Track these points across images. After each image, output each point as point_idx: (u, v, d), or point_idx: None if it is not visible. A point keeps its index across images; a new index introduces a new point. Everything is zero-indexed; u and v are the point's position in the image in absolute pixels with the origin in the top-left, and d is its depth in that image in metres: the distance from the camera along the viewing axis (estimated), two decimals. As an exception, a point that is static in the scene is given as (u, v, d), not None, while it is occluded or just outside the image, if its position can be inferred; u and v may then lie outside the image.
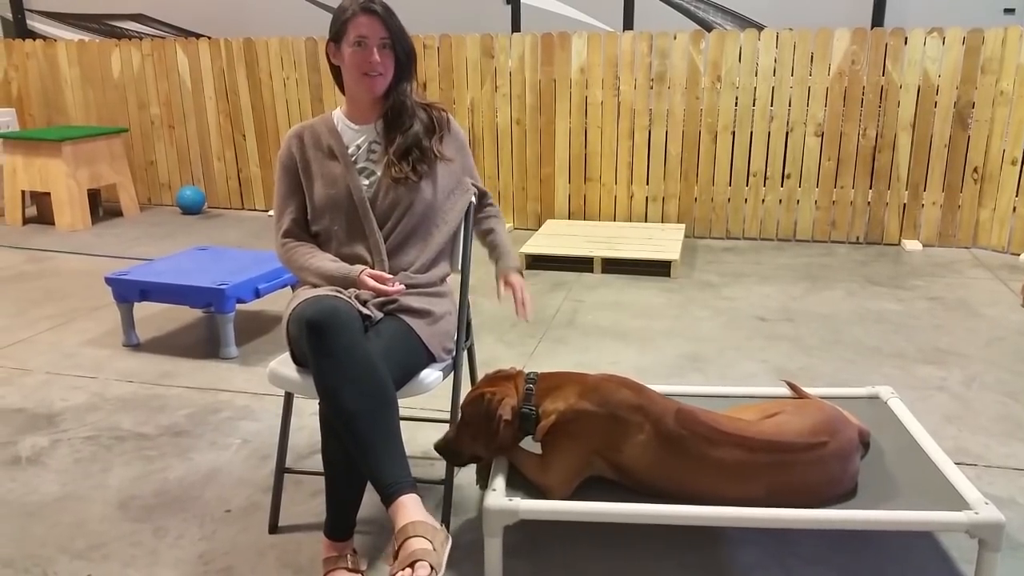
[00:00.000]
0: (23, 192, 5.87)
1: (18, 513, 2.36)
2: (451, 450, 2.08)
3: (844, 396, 2.50)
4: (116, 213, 6.17)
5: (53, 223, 5.79)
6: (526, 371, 2.11)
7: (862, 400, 2.47)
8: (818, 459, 1.90)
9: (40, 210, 5.96)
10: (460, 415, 2.08)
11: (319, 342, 1.86)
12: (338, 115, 2.29)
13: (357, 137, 2.25)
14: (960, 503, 1.88)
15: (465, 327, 2.29)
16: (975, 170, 4.91)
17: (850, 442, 1.98)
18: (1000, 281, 4.36)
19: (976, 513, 1.83)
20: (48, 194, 5.75)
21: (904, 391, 2.97)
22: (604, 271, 4.59)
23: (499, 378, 2.08)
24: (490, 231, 2.43)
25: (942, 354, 3.41)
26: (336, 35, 2.17)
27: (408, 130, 2.21)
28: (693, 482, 1.91)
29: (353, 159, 2.22)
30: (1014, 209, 4.82)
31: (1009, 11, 5.63)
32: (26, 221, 5.93)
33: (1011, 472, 2.51)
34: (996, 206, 4.88)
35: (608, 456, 1.95)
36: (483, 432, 2.00)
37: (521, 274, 2.38)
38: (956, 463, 2.09)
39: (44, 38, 6.91)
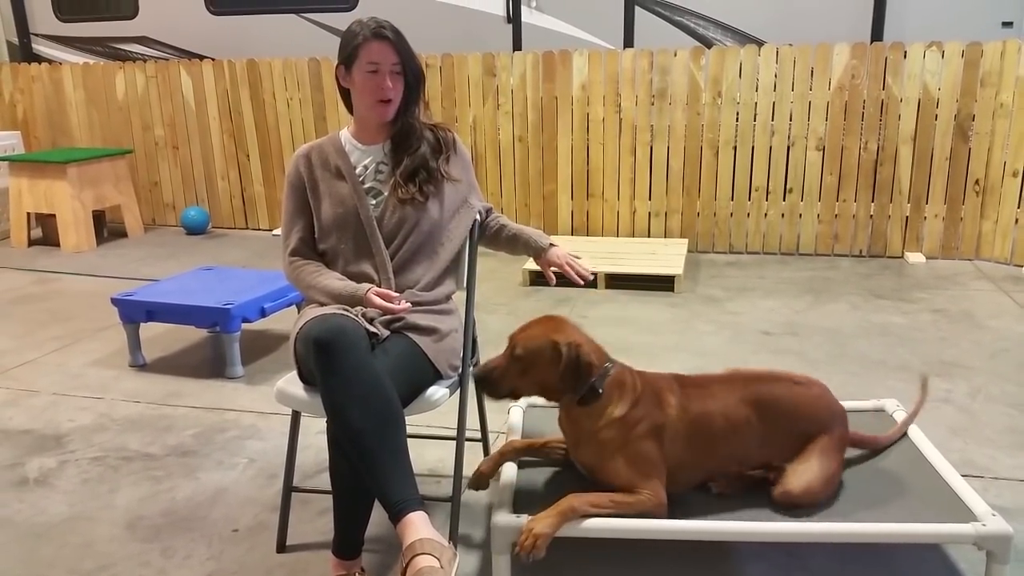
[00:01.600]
0: (28, 214, 5.90)
1: (26, 534, 2.36)
2: (491, 380, 1.98)
3: (850, 409, 2.48)
4: (121, 234, 6.20)
5: (58, 244, 5.81)
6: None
7: (868, 413, 2.47)
8: (801, 385, 2.09)
9: (45, 232, 5.99)
10: (512, 347, 1.97)
11: (327, 360, 1.87)
12: (345, 135, 2.31)
13: (364, 157, 2.26)
14: (967, 515, 1.89)
15: (471, 344, 2.30)
16: (977, 182, 4.93)
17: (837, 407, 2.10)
18: (1004, 293, 4.36)
19: (984, 525, 1.83)
20: (53, 216, 5.78)
21: (909, 404, 2.94)
22: (608, 287, 4.60)
23: (567, 326, 2.00)
24: (502, 227, 2.40)
25: (947, 366, 3.41)
26: (347, 59, 2.18)
27: (415, 152, 2.23)
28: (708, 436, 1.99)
29: (361, 179, 2.24)
30: (1016, 221, 4.82)
31: (1007, 24, 5.66)
32: (31, 243, 5.96)
33: (1018, 484, 2.50)
34: (998, 218, 4.89)
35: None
36: (542, 371, 1.93)
37: (554, 245, 2.35)
38: (963, 475, 2.09)
39: (50, 61, 6.97)
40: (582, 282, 2.28)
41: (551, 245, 2.33)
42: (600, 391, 1.93)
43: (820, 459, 1.99)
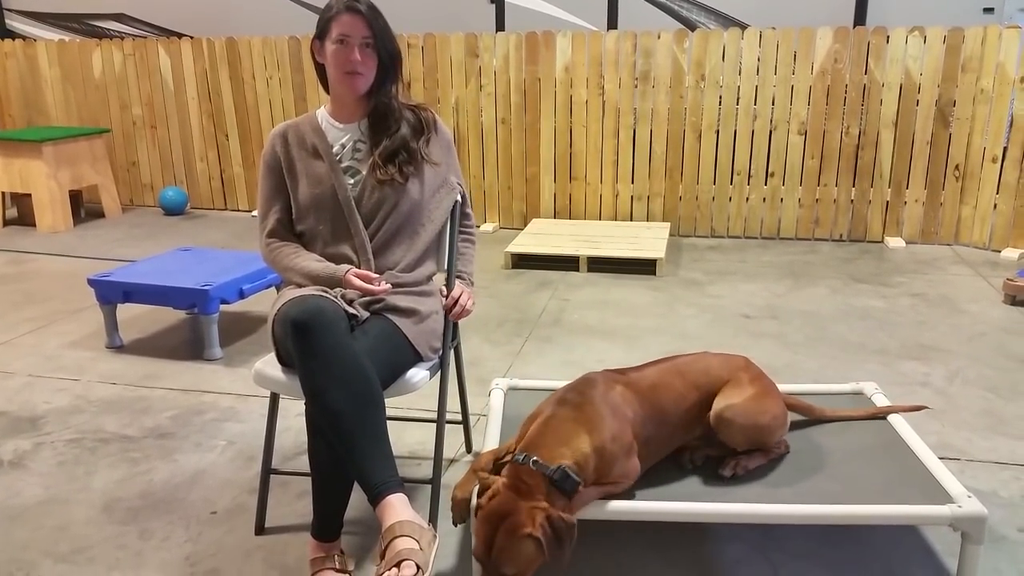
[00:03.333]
0: (3, 194, 5.81)
1: (1, 517, 2.34)
2: None
3: (828, 392, 2.52)
4: (98, 214, 6.12)
5: (34, 225, 5.73)
6: (514, 457, 1.82)
7: (846, 396, 2.49)
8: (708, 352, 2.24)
9: (21, 212, 5.90)
10: (486, 563, 1.70)
11: (305, 342, 1.86)
12: (322, 114, 2.28)
13: (342, 136, 2.24)
14: (943, 497, 1.90)
15: (452, 326, 2.29)
16: (957, 167, 4.96)
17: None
18: (982, 277, 4.40)
19: (959, 507, 1.85)
20: (29, 195, 5.70)
21: (888, 387, 2.99)
22: (590, 270, 4.60)
23: (507, 505, 1.72)
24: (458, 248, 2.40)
25: (925, 350, 3.44)
26: (320, 32, 2.17)
27: (395, 133, 2.21)
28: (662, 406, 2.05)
29: (338, 158, 2.21)
30: (995, 206, 4.86)
31: (988, 10, 5.68)
32: (6, 223, 5.87)
33: (993, 466, 2.53)
34: (977, 203, 4.93)
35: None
36: (539, 560, 1.70)
37: (471, 283, 2.38)
38: (939, 458, 2.11)
39: (24, 38, 6.85)
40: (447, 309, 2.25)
41: (467, 279, 2.38)
42: (576, 478, 1.78)
43: (733, 388, 2.11)
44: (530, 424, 1.94)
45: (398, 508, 1.79)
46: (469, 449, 2.63)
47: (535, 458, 1.79)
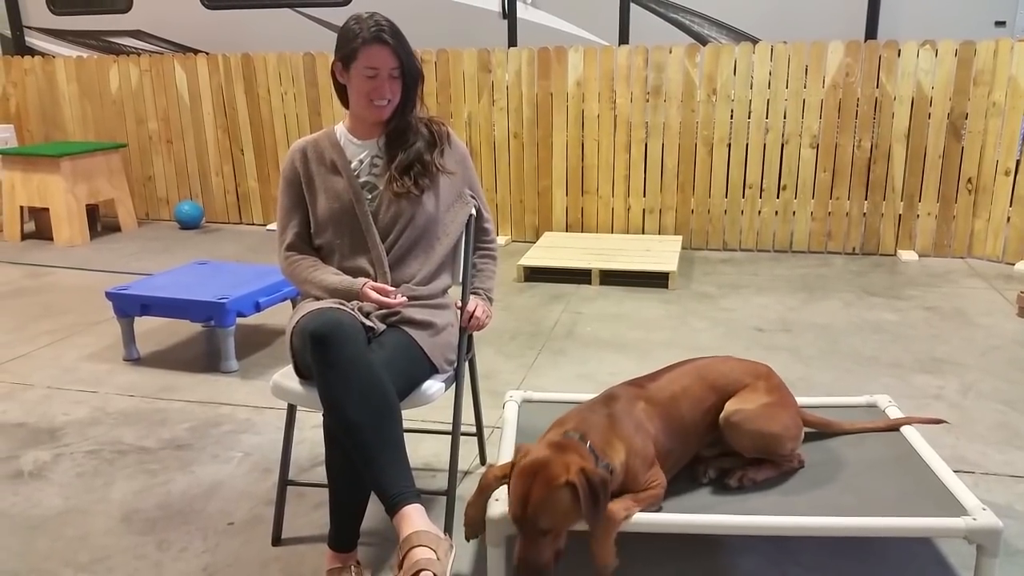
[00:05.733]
0: (22, 208, 5.88)
1: (22, 527, 2.37)
2: (535, 566, 1.72)
3: (842, 405, 2.52)
4: (114, 228, 6.18)
5: (52, 238, 5.80)
6: (566, 434, 1.85)
7: (860, 409, 2.49)
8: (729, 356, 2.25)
9: (39, 226, 5.97)
10: (522, 519, 1.72)
11: (323, 354, 1.88)
12: (341, 130, 2.31)
13: (360, 152, 2.27)
14: (958, 509, 1.90)
15: (467, 338, 2.31)
16: (969, 181, 4.95)
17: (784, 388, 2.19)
18: (995, 291, 4.39)
19: (974, 519, 1.85)
20: (47, 210, 5.76)
21: (902, 400, 2.98)
22: (602, 283, 4.61)
23: (547, 459, 1.75)
24: (474, 267, 2.41)
25: (939, 363, 3.43)
26: (344, 58, 2.15)
27: (410, 146, 2.24)
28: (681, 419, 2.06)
29: (356, 173, 2.24)
30: (1008, 219, 4.85)
31: (1000, 24, 5.68)
32: (25, 237, 5.94)
33: (1008, 479, 2.53)
34: (990, 216, 4.92)
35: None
36: (573, 517, 1.73)
37: (490, 299, 2.39)
38: (954, 471, 2.11)
39: (43, 55, 6.95)
40: (463, 322, 2.29)
41: (485, 295, 2.39)
42: (612, 469, 1.83)
43: (749, 393, 2.11)
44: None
45: (415, 518, 1.80)
46: (483, 461, 2.65)
47: (589, 442, 1.83)
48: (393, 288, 2.13)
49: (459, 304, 2.32)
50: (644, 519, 1.90)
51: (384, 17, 2.15)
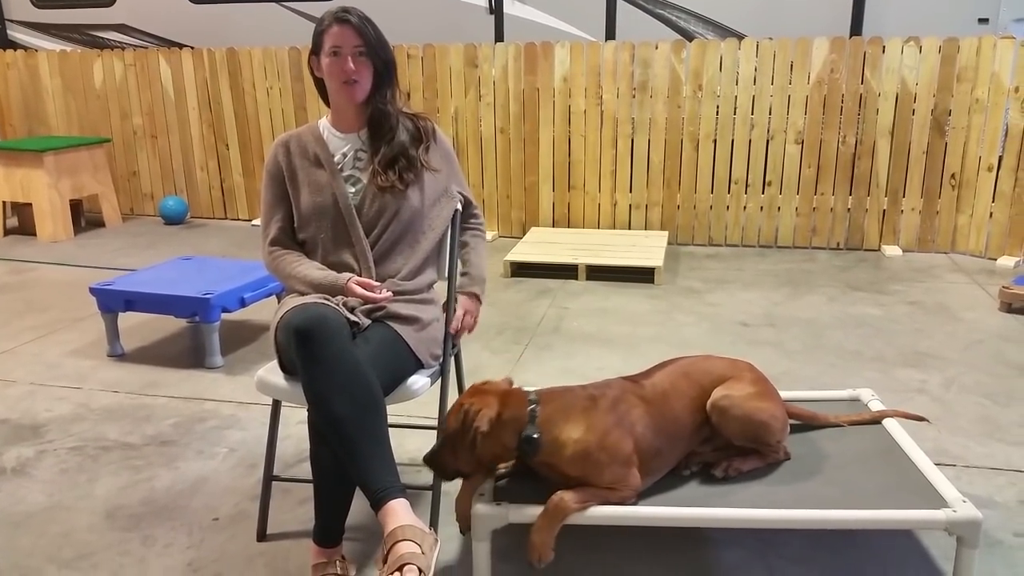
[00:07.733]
0: (4, 203, 5.84)
1: (4, 524, 2.35)
2: (437, 463, 1.97)
3: (825, 399, 2.54)
4: (98, 224, 6.14)
5: (35, 234, 5.76)
6: (527, 389, 2.00)
7: (843, 403, 2.51)
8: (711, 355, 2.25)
9: (21, 221, 5.93)
10: (440, 430, 2.00)
11: (308, 349, 1.88)
12: (324, 124, 2.31)
13: (343, 145, 2.27)
14: (939, 502, 1.92)
15: (452, 334, 2.31)
16: (952, 176, 4.99)
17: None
18: (978, 285, 4.43)
19: (954, 511, 1.87)
20: (30, 205, 5.72)
21: (884, 394, 3.01)
22: (588, 278, 4.62)
23: (484, 391, 1.96)
24: (464, 245, 2.43)
25: (922, 357, 3.46)
26: (315, 47, 2.22)
27: (393, 139, 2.24)
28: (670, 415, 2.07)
29: (339, 167, 2.24)
30: (991, 215, 4.89)
31: (983, 21, 5.72)
32: (7, 232, 5.90)
33: (988, 472, 2.55)
34: (973, 212, 4.96)
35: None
36: (462, 446, 1.90)
37: (479, 299, 2.39)
38: (936, 464, 2.13)
39: (25, 48, 6.88)
40: (452, 328, 2.31)
41: (475, 295, 2.38)
42: (536, 436, 1.89)
43: (735, 382, 2.12)
44: None
45: (400, 513, 1.80)
46: (469, 456, 2.65)
47: (536, 408, 1.92)
48: (378, 283, 2.13)
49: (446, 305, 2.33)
50: (628, 512, 1.91)
51: (354, 7, 2.19)
